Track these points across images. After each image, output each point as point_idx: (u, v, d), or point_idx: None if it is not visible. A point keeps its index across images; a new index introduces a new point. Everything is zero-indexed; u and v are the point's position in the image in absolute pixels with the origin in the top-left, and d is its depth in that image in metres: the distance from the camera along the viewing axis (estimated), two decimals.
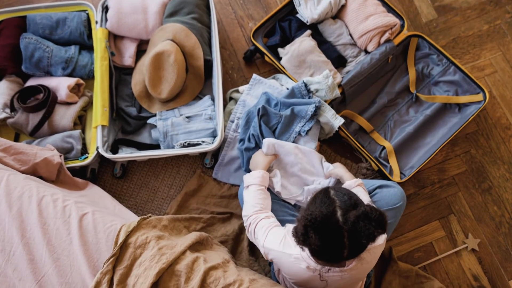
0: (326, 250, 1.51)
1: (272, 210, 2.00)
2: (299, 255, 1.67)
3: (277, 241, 1.72)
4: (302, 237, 1.50)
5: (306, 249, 1.58)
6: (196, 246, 1.92)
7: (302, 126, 2.27)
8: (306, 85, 2.32)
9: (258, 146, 2.24)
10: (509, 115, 2.60)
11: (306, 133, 2.27)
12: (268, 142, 2.17)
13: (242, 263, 2.25)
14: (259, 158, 2.13)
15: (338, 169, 2.14)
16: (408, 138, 2.47)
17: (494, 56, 2.70)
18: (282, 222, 1.93)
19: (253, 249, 2.31)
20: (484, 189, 2.51)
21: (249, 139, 2.26)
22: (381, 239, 1.70)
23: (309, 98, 2.33)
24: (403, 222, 2.44)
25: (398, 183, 2.29)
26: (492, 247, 2.43)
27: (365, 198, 1.92)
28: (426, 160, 2.38)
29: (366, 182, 2.11)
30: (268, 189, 2.09)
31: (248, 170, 2.22)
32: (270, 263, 2.17)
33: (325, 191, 1.60)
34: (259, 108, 2.26)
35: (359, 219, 1.43)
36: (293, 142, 2.26)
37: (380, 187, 2.09)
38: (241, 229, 2.33)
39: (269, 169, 2.18)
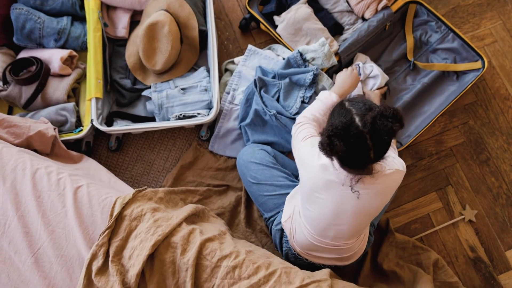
0: (354, 155, 1.55)
1: (272, 176, 2.08)
2: (327, 164, 1.70)
3: (315, 145, 1.73)
4: (328, 147, 1.54)
5: (335, 159, 1.64)
6: (192, 218, 1.92)
7: (304, 93, 2.26)
8: (301, 55, 2.31)
9: (263, 121, 2.24)
10: (508, 86, 2.57)
11: (308, 101, 2.26)
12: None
13: (238, 235, 2.26)
14: (349, 80, 2.17)
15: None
16: (405, 106, 2.45)
17: (494, 25, 2.67)
18: (282, 188, 2.04)
19: (249, 221, 2.31)
20: (482, 160, 2.50)
21: (252, 115, 2.25)
22: (402, 167, 1.78)
23: (305, 67, 2.31)
24: (400, 194, 2.44)
25: None
26: (489, 218, 2.43)
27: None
28: (424, 129, 2.38)
29: None
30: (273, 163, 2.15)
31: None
32: (274, 222, 2.14)
33: (340, 104, 1.68)
34: (255, 80, 2.24)
35: (376, 119, 1.50)
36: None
37: None
38: (238, 202, 2.33)
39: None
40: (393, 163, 1.73)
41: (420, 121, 2.44)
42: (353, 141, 1.51)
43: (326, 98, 2.02)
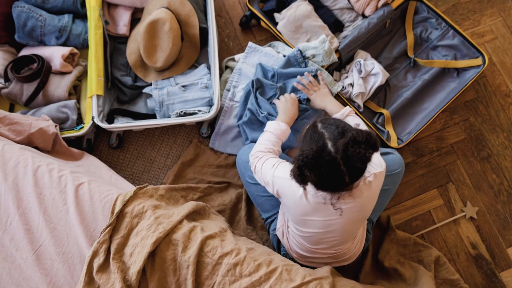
0: (328, 180, 1.53)
1: None
2: (305, 191, 1.69)
3: (287, 173, 1.69)
4: (299, 178, 1.52)
5: (310, 185, 1.60)
6: (193, 216, 1.92)
7: (301, 93, 2.25)
8: (301, 52, 2.30)
9: (258, 120, 2.23)
10: (509, 82, 2.57)
11: (306, 102, 2.25)
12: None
13: (239, 232, 2.26)
14: (291, 107, 2.13)
15: (329, 105, 2.15)
16: (406, 103, 2.45)
17: (494, 22, 2.66)
18: None
19: (250, 218, 2.31)
20: (483, 157, 2.50)
21: (248, 114, 2.25)
22: (381, 167, 1.74)
23: (305, 65, 2.30)
24: (401, 191, 2.44)
25: (396, 148, 2.29)
26: (490, 215, 2.43)
27: (355, 122, 1.93)
28: (424, 126, 2.37)
29: None
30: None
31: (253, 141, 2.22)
32: (270, 227, 2.15)
33: (313, 126, 1.63)
34: (252, 81, 2.24)
35: (348, 145, 1.45)
36: None
37: None
38: (239, 199, 2.33)
39: None
40: (370, 167, 1.71)
41: (420, 118, 2.44)
42: (326, 168, 1.49)
43: (276, 129, 1.99)
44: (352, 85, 2.39)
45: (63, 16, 2.40)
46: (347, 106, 2.05)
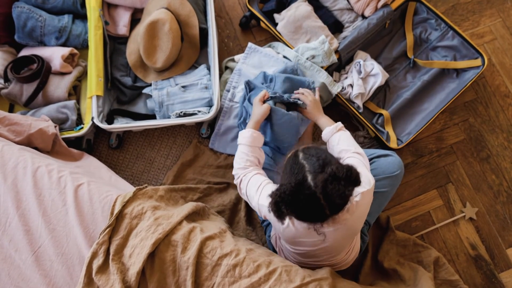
0: (308, 213, 1.50)
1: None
2: (291, 219, 1.66)
3: None
4: (276, 213, 1.48)
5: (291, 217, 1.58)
6: (192, 216, 1.92)
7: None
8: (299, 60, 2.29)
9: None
10: (508, 83, 2.57)
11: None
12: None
13: (239, 233, 2.26)
14: (255, 109, 2.04)
15: (322, 118, 2.06)
16: (405, 104, 2.45)
17: (493, 23, 2.66)
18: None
19: (250, 219, 2.31)
20: (482, 157, 2.50)
21: (244, 113, 2.24)
22: (368, 184, 1.68)
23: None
24: (400, 191, 2.44)
25: (395, 149, 2.29)
26: (490, 216, 2.43)
27: (347, 144, 1.87)
28: (424, 126, 2.37)
29: (364, 152, 2.09)
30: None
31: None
32: (266, 232, 2.16)
33: (294, 156, 1.58)
34: (245, 83, 2.21)
35: (327, 182, 1.41)
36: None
37: (378, 157, 2.07)
38: (238, 199, 2.33)
39: None
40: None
41: (420, 119, 2.44)
42: (306, 201, 1.46)
43: (246, 138, 1.91)
44: (351, 85, 2.39)
45: (63, 17, 2.40)
46: (339, 122, 1.97)
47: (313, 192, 1.44)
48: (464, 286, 2.22)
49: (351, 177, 1.43)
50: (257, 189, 1.75)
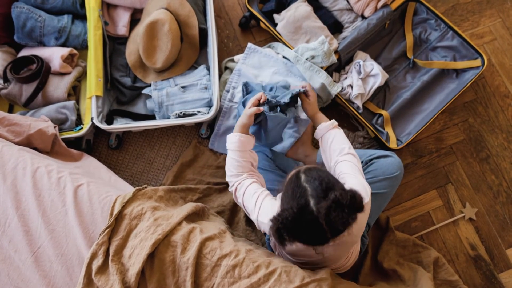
0: (309, 238, 1.49)
1: (267, 180, 1.97)
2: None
3: (271, 215, 1.67)
4: (278, 240, 1.46)
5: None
6: (192, 217, 1.92)
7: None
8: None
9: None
10: (508, 83, 2.57)
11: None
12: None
13: (239, 233, 2.26)
14: (244, 111, 1.99)
15: (319, 114, 2.04)
16: (405, 104, 2.45)
17: (493, 23, 2.66)
18: (272, 192, 1.83)
19: (249, 219, 2.31)
20: (482, 158, 2.50)
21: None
22: (366, 196, 1.63)
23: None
24: (400, 192, 2.44)
25: (395, 150, 2.29)
26: (489, 216, 2.43)
27: (341, 141, 1.85)
28: (423, 127, 2.37)
29: (364, 153, 2.09)
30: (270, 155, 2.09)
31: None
32: (266, 233, 2.17)
33: (296, 177, 1.54)
34: (243, 85, 2.20)
35: (330, 209, 1.37)
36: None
37: (377, 157, 2.07)
38: None
39: None
40: None
41: (420, 119, 2.44)
42: (308, 226, 1.44)
43: (234, 143, 1.87)
44: (351, 86, 2.39)
45: (63, 17, 2.40)
46: (333, 120, 1.95)
47: (315, 217, 1.42)
48: (464, 287, 2.22)
49: (355, 204, 1.40)
50: (255, 203, 1.73)
